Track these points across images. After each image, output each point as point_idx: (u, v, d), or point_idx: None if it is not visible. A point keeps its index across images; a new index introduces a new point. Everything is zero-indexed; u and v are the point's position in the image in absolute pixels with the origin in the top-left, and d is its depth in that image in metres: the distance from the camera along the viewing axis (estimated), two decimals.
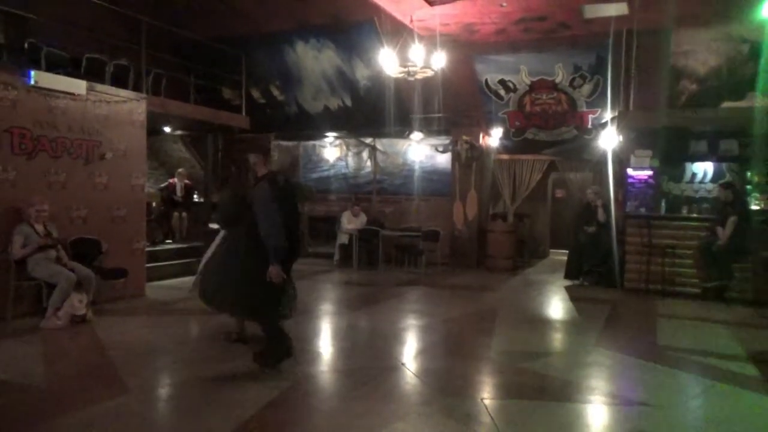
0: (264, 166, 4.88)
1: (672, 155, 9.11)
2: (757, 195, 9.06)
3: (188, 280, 8.97)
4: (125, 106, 7.60)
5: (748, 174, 9.09)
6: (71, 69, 7.55)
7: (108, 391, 4.22)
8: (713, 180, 9.26)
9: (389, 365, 5.00)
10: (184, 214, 10.39)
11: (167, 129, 11.04)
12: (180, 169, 10.92)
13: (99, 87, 7.33)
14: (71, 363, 5.11)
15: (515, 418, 3.86)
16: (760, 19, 7.62)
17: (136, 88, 8.26)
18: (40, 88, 6.56)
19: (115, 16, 8.86)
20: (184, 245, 9.89)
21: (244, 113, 11.02)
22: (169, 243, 10.04)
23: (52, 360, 5.06)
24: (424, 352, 5.59)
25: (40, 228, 6.21)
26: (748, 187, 9.10)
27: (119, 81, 8.08)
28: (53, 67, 7.17)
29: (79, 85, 6.99)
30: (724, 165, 9.19)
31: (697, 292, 8.24)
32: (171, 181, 10.66)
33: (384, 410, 3.94)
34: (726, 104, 8.87)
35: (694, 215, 8.89)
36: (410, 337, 6.21)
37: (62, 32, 8.45)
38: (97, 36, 9.15)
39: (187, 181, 10.67)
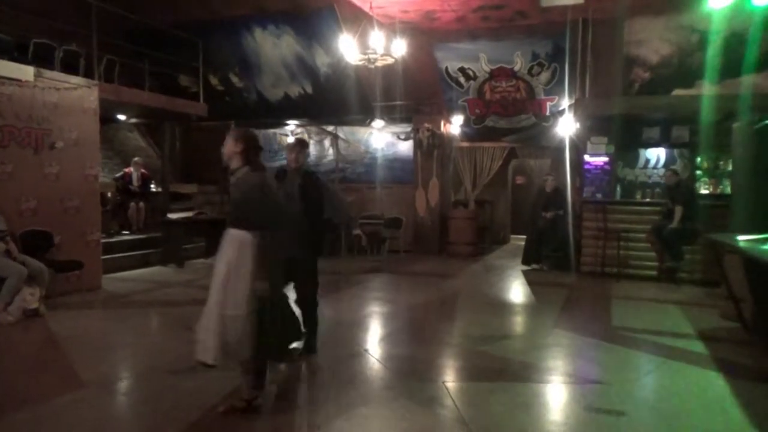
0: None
1: (626, 142, 9.38)
2: (706, 180, 9.42)
3: (145, 271, 8.85)
4: (76, 93, 7.34)
5: (698, 159, 9.42)
6: (17, 54, 7.22)
7: (63, 385, 4.11)
8: (665, 165, 9.57)
9: (352, 352, 5.02)
10: (140, 204, 10.12)
11: (122, 117, 10.72)
12: (136, 158, 10.61)
13: (48, 73, 7.06)
14: (24, 358, 4.95)
15: (476, 400, 3.93)
16: (709, 9, 7.87)
17: (88, 75, 7.99)
18: None
19: None
20: (142, 236, 9.69)
21: (201, 101, 10.79)
22: (125, 234, 9.79)
23: (3, 355, 4.91)
24: (386, 338, 5.63)
25: None
26: (698, 172, 9.45)
27: (69, 67, 7.80)
28: None
29: (26, 72, 6.70)
30: (675, 151, 9.50)
31: (650, 275, 8.52)
32: (126, 170, 10.36)
33: (347, 396, 3.95)
34: (677, 92, 9.15)
35: (648, 200, 9.18)
36: (373, 324, 6.25)
37: (7, 15, 8.08)
38: (46, 20, 8.77)
39: (143, 171, 10.39)
